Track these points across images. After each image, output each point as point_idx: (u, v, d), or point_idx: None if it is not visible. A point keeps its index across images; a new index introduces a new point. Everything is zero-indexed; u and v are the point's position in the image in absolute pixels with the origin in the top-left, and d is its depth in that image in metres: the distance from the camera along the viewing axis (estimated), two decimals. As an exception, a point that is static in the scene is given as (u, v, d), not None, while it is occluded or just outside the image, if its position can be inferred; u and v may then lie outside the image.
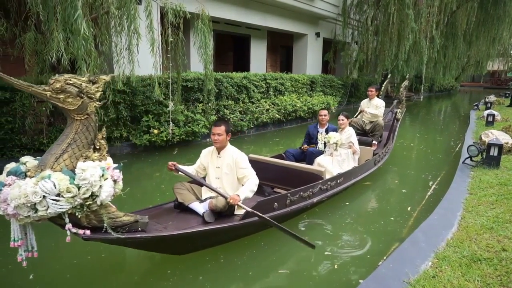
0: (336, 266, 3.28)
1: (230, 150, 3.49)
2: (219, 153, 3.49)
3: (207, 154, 3.59)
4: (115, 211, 2.47)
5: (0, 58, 5.18)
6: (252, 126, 9.92)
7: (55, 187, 2.12)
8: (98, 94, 2.40)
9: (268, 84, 10.58)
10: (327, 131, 5.53)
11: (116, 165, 2.49)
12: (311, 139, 5.84)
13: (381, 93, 7.67)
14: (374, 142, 6.61)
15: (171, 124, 7.38)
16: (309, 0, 12.87)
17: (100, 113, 5.97)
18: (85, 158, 2.36)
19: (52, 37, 4.58)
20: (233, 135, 9.79)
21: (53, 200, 2.12)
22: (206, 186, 3.36)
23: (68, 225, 2.25)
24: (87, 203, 2.25)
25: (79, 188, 2.19)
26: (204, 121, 8.17)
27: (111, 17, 5.82)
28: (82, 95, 2.31)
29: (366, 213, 4.68)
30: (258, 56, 13.58)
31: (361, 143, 6.44)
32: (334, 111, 12.69)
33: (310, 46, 14.75)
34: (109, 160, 2.51)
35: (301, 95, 11.98)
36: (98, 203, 2.30)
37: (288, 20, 13.13)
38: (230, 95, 9.35)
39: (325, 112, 5.71)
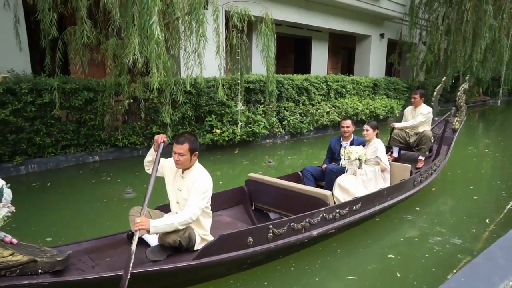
0: (398, 274, 3.16)
1: (195, 171, 2.77)
2: (183, 172, 2.80)
3: (172, 168, 2.87)
4: None
5: (88, 62, 5.76)
6: (312, 129, 9.86)
7: None
8: None
9: (329, 86, 10.44)
10: (352, 145, 4.60)
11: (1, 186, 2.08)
12: (334, 155, 4.95)
13: (433, 98, 6.56)
14: (420, 157, 5.57)
15: (240, 123, 7.64)
16: (374, 0, 12.46)
17: (171, 112, 6.36)
18: None
19: (129, 42, 4.99)
20: (292, 137, 9.95)
21: None
22: (150, 184, 2.60)
23: None
24: None
25: None
26: (264, 122, 8.32)
27: (181, 23, 6.19)
28: None
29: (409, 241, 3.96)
30: (319, 58, 13.44)
31: (405, 159, 5.76)
32: (398, 115, 12.14)
33: (374, 47, 14.26)
34: None
35: (363, 98, 11.63)
36: None
37: (351, 21, 12.83)
38: (291, 97, 9.39)
39: (348, 122, 4.77)
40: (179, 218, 2.55)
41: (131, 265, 2.18)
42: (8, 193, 2.11)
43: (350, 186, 4.17)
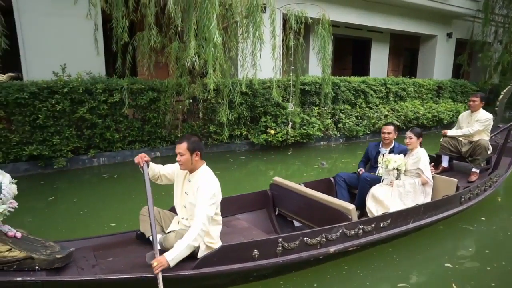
0: (454, 286, 2.99)
1: (201, 175, 2.68)
2: (190, 176, 2.75)
3: (179, 173, 2.84)
4: None
5: (153, 64, 6.23)
6: (368, 132, 9.58)
7: None
8: None
9: (388, 89, 10.06)
10: (392, 153, 4.18)
11: None
12: (370, 161, 4.62)
13: (498, 103, 5.78)
14: (473, 170, 4.92)
15: (290, 123, 7.70)
16: (442, -3, 11.75)
17: (228, 112, 6.61)
18: None
19: (189, 45, 5.31)
20: (347, 140, 9.75)
21: None
22: (149, 213, 2.52)
23: None
24: None
25: None
26: (319, 124, 8.28)
27: (239, 26, 6.43)
28: None
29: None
30: (379, 60, 12.99)
31: (457, 171, 5.24)
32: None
33: (440, 48, 13.41)
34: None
35: (425, 102, 11.01)
36: None
37: (414, 21, 12.22)
38: (347, 100, 9.22)
39: (389, 128, 4.33)
40: (190, 236, 2.41)
41: None
42: (8, 190, 2.12)
43: (385, 197, 3.83)
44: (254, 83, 6.75)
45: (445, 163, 5.30)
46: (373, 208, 3.85)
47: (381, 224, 3.23)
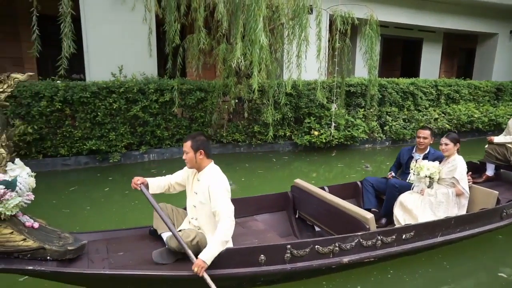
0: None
1: (209, 174, 2.68)
2: (198, 175, 2.75)
3: (188, 174, 2.87)
4: (9, 233, 2.13)
5: (201, 65, 6.52)
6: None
7: None
8: (3, 95, 2.21)
9: (439, 91, 9.61)
10: (426, 159, 3.88)
11: (13, 178, 2.17)
12: (401, 167, 4.36)
13: None
14: None
15: (333, 124, 7.66)
16: (503, -7, 10.98)
17: (273, 112, 6.72)
18: None
19: (236, 47, 5.49)
20: (393, 143, 9.45)
21: None
22: (164, 221, 2.55)
23: None
24: None
25: None
26: (364, 127, 8.13)
27: (285, 27, 6.52)
28: None
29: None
30: (431, 60, 12.42)
31: (504, 181, 4.76)
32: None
33: (501, 47, 12.51)
34: (15, 172, 2.21)
35: (481, 105, 10.36)
36: None
37: (472, 19, 11.53)
38: (394, 102, 8.95)
39: (425, 133, 4.08)
40: (220, 236, 2.42)
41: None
42: (24, 184, 2.19)
43: (414, 206, 3.58)
44: (298, 84, 6.81)
45: (489, 171, 4.94)
46: (401, 217, 3.64)
47: (403, 236, 3.00)
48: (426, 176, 3.59)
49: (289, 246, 2.57)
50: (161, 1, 6.10)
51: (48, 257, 2.21)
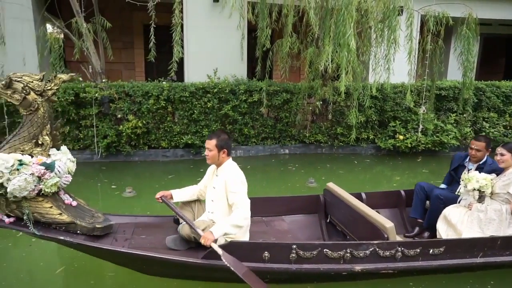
0: None
1: (227, 169, 2.81)
2: (217, 171, 2.91)
3: (209, 172, 3.03)
4: (49, 207, 2.43)
5: (288, 68, 6.87)
6: (519, 144, 8.34)
7: None
8: (50, 92, 2.46)
9: (551, 95, 8.56)
10: (480, 171, 3.46)
11: (52, 161, 2.42)
12: (455, 174, 3.85)
13: None
14: None
15: (421, 128, 7.39)
16: None
17: (357, 115, 6.76)
18: (22, 151, 2.39)
19: (323, 50, 5.68)
20: (493, 151, 8.56)
21: None
22: (181, 217, 2.74)
23: None
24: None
25: None
26: (455, 132, 7.67)
27: (373, 30, 6.51)
28: (27, 91, 2.38)
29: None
30: (542, 61, 11.06)
31: None
32: None
33: None
34: (57, 157, 2.47)
35: None
36: (10, 195, 2.26)
37: None
38: (493, 107, 8.24)
39: (479, 144, 3.60)
40: (233, 219, 2.57)
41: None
42: (63, 167, 2.45)
43: (459, 221, 3.25)
44: (385, 87, 6.74)
45: None
46: (443, 231, 3.38)
47: (431, 251, 2.74)
48: (474, 189, 3.25)
49: (294, 246, 2.53)
50: (255, 8, 6.58)
51: (78, 231, 2.49)
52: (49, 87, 2.45)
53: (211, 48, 7.68)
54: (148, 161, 6.95)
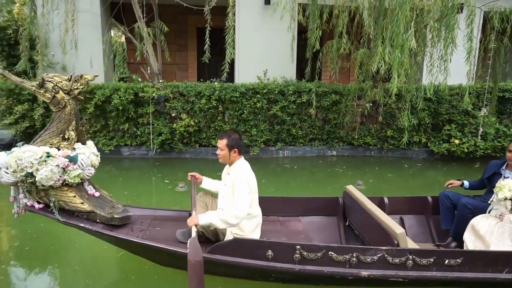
0: None
1: (237, 169, 2.85)
2: (229, 169, 2.96)
3: (224, 170, 3.08)
4: (72, 196, 2.61)
5: (338, 69, 6.83)
6: None
7: (5, 162, 2.45)
8: (77, 91, 2.65)
9: None
10: None
11: (75, 154, 2.60)
12: (489, 183, 3.49)
13: None
14: None
15: (480, 132, 6.98)
16: None
17: (409, 117, 6.53)
18: (51, 145, 2.59)
19: (375, 51, 5.58)
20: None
21: (4, 171, 2.47)
22: (191, 203, 2.86)
23: (11, 199, 2.59)
24: (28, 181, 2.47)
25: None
26: (519, 138, 7.14)
27: (429, 30, 6.27)
28: (56, 90, 2.58)
29: None
30: None
31: None
32: None
33: None
34: (80, 150, 2.66)
35: None
36: (38, 183, 2.46)
37: None
38: None
39: None
40: (224, 214, 2.61)
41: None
42: (86, 160, 2.63)
43: (488, 233, 2.98)
44: (441, 89, 6.45)
45: None
46: (470, 243, 3.13)
47: (446, 261, 2.55)
48: (506, 199, 2.96)
49: (298, 247, 2.52)
50: (306, 10, 6.63)
51: (97, 220, 2.67)
52: (76, 87, 2.64)
53: (262, 50, 7.84)
54: (198, 159, 7.27)
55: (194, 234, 2.42)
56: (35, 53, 6.77)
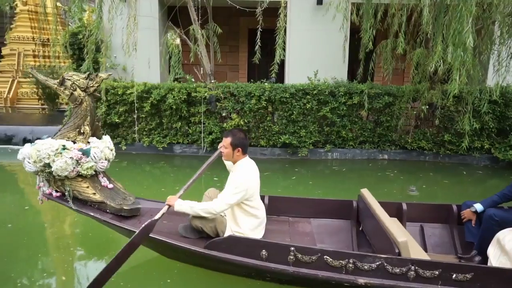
0: None
1: (238, 168, 2.87)
2: (232, 167, 3.00)
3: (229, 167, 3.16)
4: (86, 187, 2.79)
5: (392, 70, 6.56)
6: None
7: (28, 153, 2.69)
8: (92, 89, 2.81)
9: None
10: None
11: (88, 147, 2.77)
12: None
13: None
14: None
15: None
16: None
17: (471, 121, 6.08)
18: (68, 138, 2.79)
19: (434, 51, 5.26)
20: None
21: (27, 161, 2.70)
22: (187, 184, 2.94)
23: (37, 186, 2.85)
24: (46, 171, 2.68)
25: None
26: None
27: (497, 26, 5.79)
28: (74, 88, 2.76)
29: None
30: None
31: None
32: None
33: None
34: (94, 144, 2.83)
35: None
36: (55, 173, 2.67)
37: None
38: None
39: None
40: (205, 205, 2.73)
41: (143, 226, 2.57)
42: (98, 153, 2.81)
43: None
44: (509, 91, 5.94)
45: None
46: (494, 258, 2.81)
47: (453, 276, 2.34)
48: None
49: (292, 249, 2.51)
50: (359, 9, 6.46)
51: (107, 210, 2.85)
52: (91, 85, 2.82)
53: (312, 50, 7.76)
54: (247, 158, 7.38)
55: (158, 216, 2.62)
56: (100, 55, 7.31)
